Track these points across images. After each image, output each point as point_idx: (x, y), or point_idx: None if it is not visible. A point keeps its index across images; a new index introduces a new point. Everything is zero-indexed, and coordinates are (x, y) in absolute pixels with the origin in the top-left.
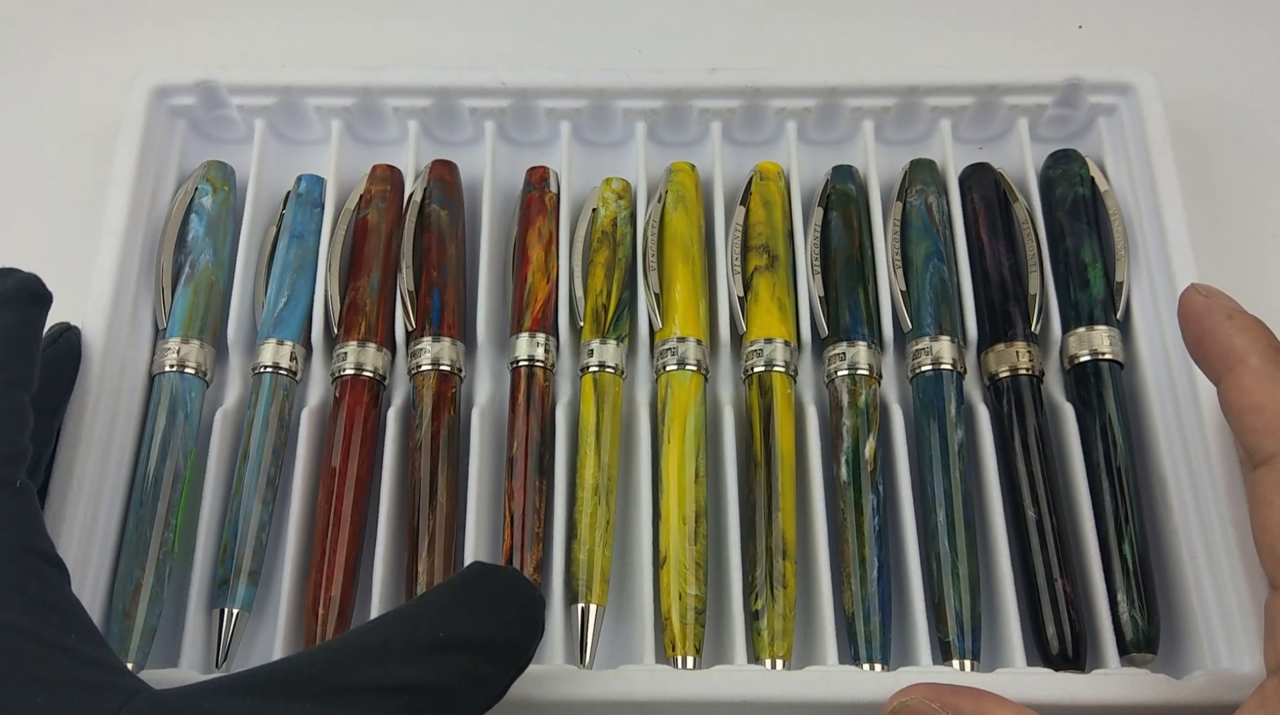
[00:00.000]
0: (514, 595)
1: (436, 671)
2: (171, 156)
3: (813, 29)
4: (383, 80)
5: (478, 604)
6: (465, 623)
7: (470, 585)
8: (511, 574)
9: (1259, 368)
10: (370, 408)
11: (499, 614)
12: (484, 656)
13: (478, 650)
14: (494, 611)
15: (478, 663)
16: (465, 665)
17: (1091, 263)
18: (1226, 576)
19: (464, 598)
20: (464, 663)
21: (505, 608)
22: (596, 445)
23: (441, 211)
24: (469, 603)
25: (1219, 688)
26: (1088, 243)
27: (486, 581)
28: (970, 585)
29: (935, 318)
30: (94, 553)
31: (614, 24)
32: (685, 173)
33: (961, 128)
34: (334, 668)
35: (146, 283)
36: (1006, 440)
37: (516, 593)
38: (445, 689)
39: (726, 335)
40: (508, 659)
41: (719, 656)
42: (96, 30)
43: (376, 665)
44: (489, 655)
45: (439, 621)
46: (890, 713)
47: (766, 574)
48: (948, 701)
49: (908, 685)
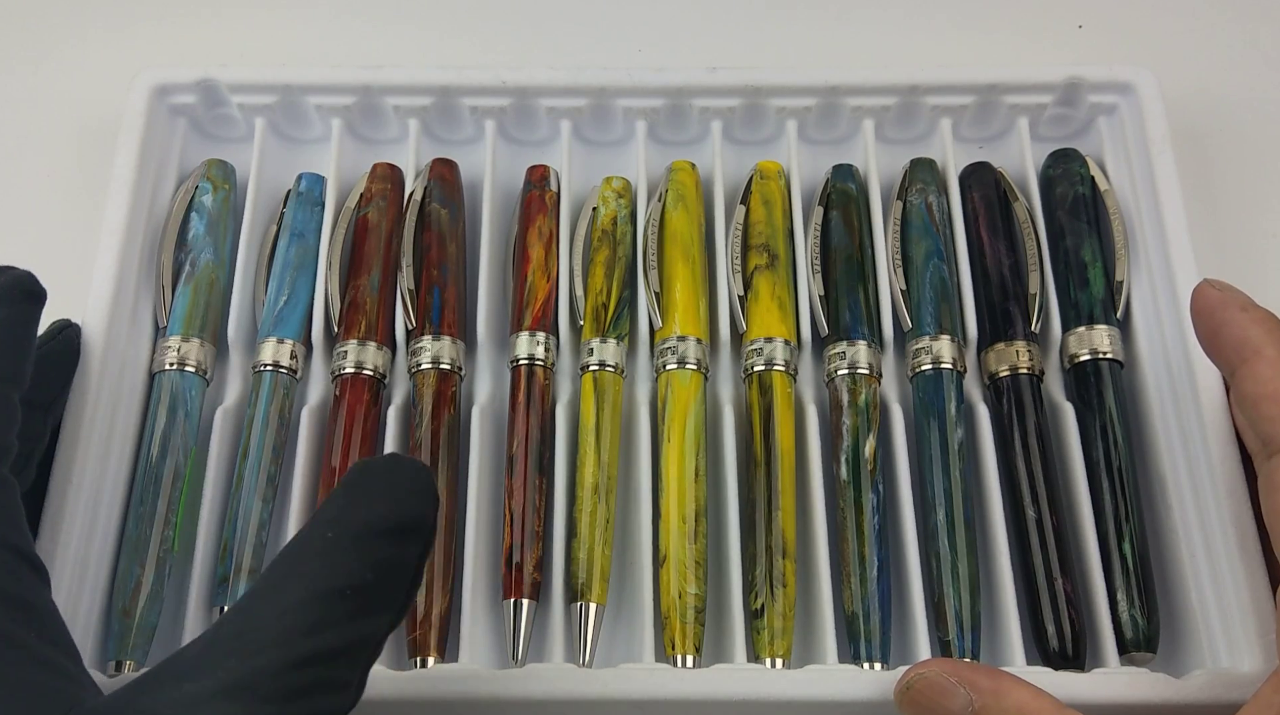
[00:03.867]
0: (396, 473)
1: (341, 571)
2: (172, 155)
3: (813, 28)
4: (383, 79)
5: (362, 494)
6: (355, 515)
7: (350, 482)
8: (388, 457)
9: (1275, 358)
10: (370, 406)
11: (387, 495)
12: (386, 541)
13: (377, 536)
14: (381, 495)
15: (382, 549)
16: (370, 555)
17: (1091, 262)
18: (1226, 576)
19: (347, 494)
20: (367, 553)
21: (391, 488)
22: (596, 444)
23: (442, 210)
24: (353, 496)
25: (1219, 687)
26: (1088, 242)
27: (365, 471)
28: (970, 584)
29: (935, 317)
30: (94, 551)
31: (614, 23)
32: (685, 172)
33: (962, 127)
34: (247, 611)
35: (147, 281)
36: (1006, 439)
37: (397, 470)
38: (357, 586)
39: (726, 334)
40: (410, 535)
41: (719, 655)
42: (97, 29)
43: (282, 589)
44: (390, 537)
45: (329, 525)
46: (906, 685)
47: (766, 573)
48: (964, 676)
49: (924, 660)
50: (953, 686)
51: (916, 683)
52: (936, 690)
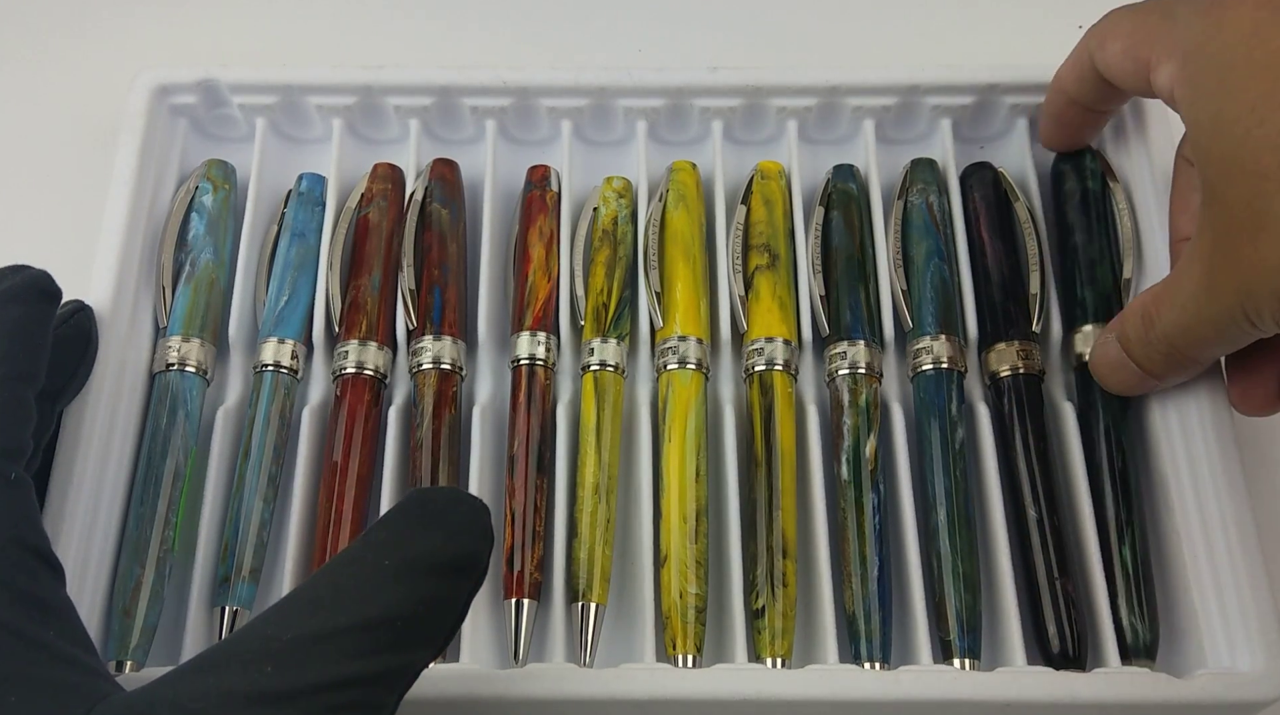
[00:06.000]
0: (455, 509)
1: (393, 602)
2: (172, 155)
3: (814, 28)
4: (384, 79)
5: (419, 526)
6: (411, 547)
7: (408, 511)
8: (449, 490)
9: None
10: (371, 406)
11: (443, 530)
12: (437, 576)
13: (430, 571)
14: (437, 529)
15: (433, 584)
16: (421, 589)
17: (1099, 259)
18: (1227, 576)
19: (405, 523)
20: (419, 587)
21: (448, 523)
22: (597, 444)
23: (443, 210)
24: (410, 527)
25: (1219, 687)
26: (1096, 238)
27: (424, 503)
28: (970, 584)
29: (936, 317)
30: (94, 551)
31: (614, 23)
32: (686, 171)
33: (962, 127)
34: (287, 622)
35: (147, 281)
36: (1007, 439)
37: (457, 506)
38: (406, 617)
39: (727, 334)
40: (462, 573)
41: (720, 655)
42: (97, 29)
43: (331, 610)
44: (442, 574)
45: (384, 552)
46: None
47: (767, 573)
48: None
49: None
50: (1103, 342)
51: (1093, 368)
52: (1101, 356)
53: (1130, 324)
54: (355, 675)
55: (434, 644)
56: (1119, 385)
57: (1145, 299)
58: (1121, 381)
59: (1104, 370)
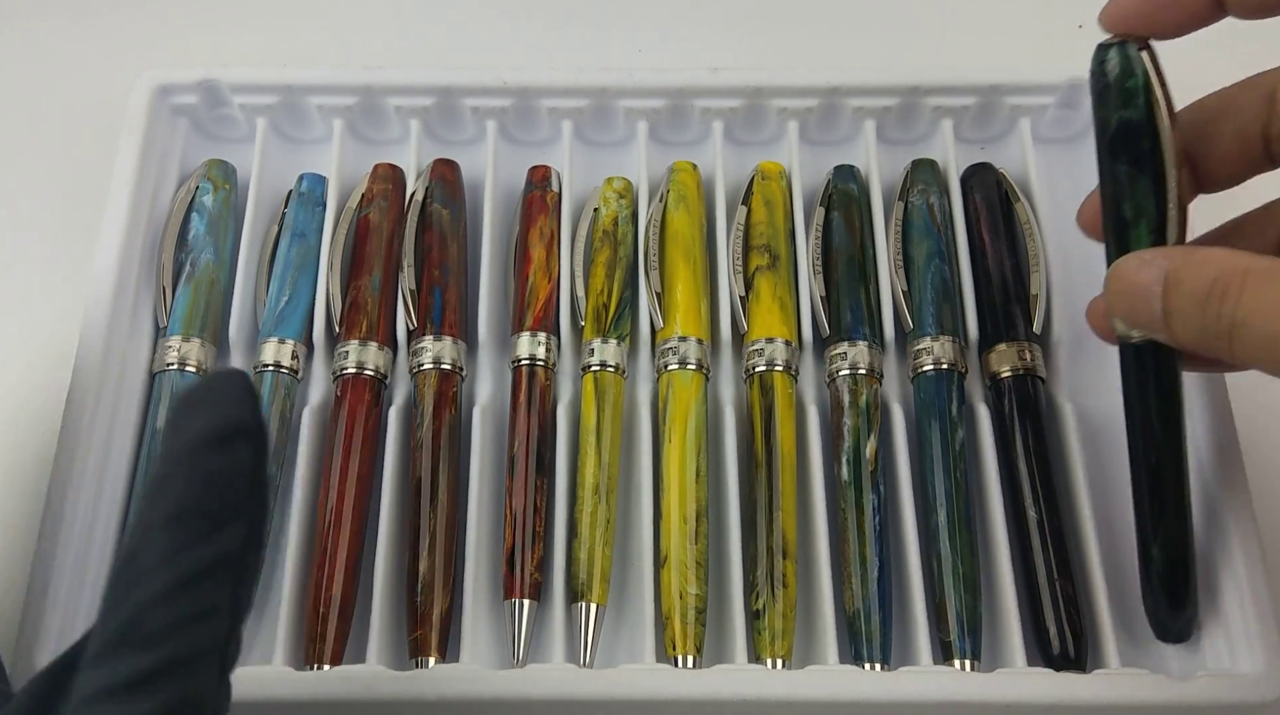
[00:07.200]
0: (208, 388)
1: (173, 497)
2: (173, 155)
3: (814, 29)
4: (384, 79)
5: (182, 421)
6: (178, 441)
7: (171, 418)
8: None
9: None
10: (371, 406)
11: (204, 410)
12: (209, 451)
13: (200, 451)
14: (199, 412)
15: (207, 460)
16: (198, 471)
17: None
18: (1227, 577)
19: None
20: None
21: (205, 402)
22: (597, 444)
23: (443, 210)
24: (174, 428)
25: (1219, 688)
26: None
27: (181, 402)
28: (971, 585)
29: (936, 317)
30: (94, 551)
31: (615, 24)
32: (687, 172)
33: (963, 128)
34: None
35: (147, 281)
36: (1007, 440)
37: (209, 384)
38: (194, 505)
39: (728, 335)
40: (234, 439)
41: (719, 656)
42: (98, 30)
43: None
44: (213, 447)
45: (161, 462)
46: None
47: (767, 573)
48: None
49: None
50: (1145, 262)
51: (1111, 274)
52: (1130, 270)
53: (1191, 276)
54: (169, 584)
55: (238, 518)
56: (1123, 312)
57: (1228, 262)
58: (1130, 312)
59: (1123, 288)
